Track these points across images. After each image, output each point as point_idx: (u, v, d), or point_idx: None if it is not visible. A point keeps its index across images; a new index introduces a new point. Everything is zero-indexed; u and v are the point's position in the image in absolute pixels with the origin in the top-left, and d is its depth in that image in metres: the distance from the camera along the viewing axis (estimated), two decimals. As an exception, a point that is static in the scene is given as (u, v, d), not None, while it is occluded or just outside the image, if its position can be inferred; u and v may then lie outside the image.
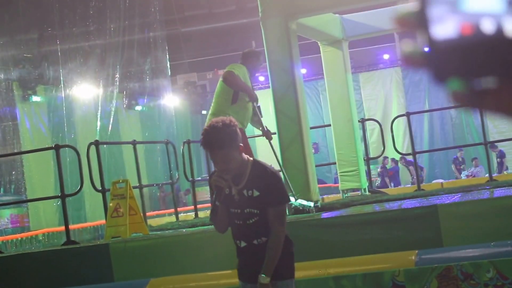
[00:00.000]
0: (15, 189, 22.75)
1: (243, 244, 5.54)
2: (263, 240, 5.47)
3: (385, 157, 25.19)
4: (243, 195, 5.46)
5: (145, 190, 13.57)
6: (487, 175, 14.66)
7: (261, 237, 5.48)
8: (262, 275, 5.37)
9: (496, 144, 23.13)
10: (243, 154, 5.51)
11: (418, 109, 25.96)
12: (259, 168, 5.55)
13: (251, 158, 5.60)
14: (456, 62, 1.09)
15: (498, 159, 24.69)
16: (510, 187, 11.35)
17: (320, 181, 12.61)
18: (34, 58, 24.26)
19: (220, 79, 10.42)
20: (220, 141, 5.25)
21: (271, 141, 10.95)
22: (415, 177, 15.54)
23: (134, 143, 13.81)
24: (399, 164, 26.54)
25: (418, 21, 1.11)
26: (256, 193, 5.44)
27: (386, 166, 25.99)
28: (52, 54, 24.45)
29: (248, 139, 11.19)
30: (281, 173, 10.73)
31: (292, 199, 11.34)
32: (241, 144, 5.47)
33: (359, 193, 13.05)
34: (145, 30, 27.46)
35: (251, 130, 12.74)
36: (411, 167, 23.79)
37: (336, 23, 13.56)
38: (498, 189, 11.32)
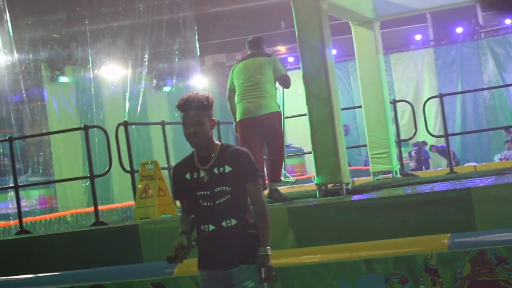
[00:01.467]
0: (43, 170, 22.84)
1: (211, 227, 5.53)
2: (232, 223, 5.50)
3: (423, 142, 25.15)
4: (213, 174, 5.55)
5: (173, 171, 13.55)
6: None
7: (230, 218, 5.51)
8: (264, 248, 5.45)
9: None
10: (213, 137, 5.66)
11: (451, 91, 25.75)
12: (228, 147, 5.68)
13: (218, 142, 5.70)
14: None
15: None
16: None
17: (349, 164, 12.57)
18: (62, 39, 24.30)
19: (268, 66, 10.81)
20: (198, 102, 5.53)
21: None
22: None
23: (163, 123, 13.85)
24: (430, 153, 26.44)
25: None
26: (228, 169, 5.53)
27: (426, 148, 25.95)
28: (80, 34, 24.49)
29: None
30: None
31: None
32: (214, 119, 5.63)
33: (390, 175, 13.03)
34: (174, 10, 27.43)
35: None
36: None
37: (368, 3, 13.50)
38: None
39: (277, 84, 10.91)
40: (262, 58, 10.94)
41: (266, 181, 10.72)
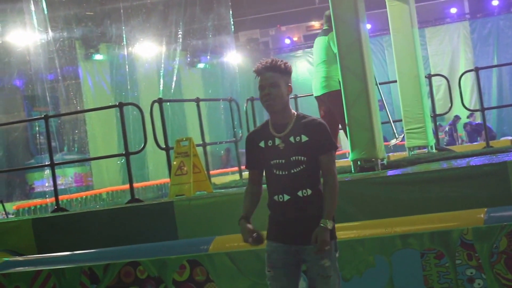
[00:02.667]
0: (79, 148, 23.00)
1: (286, 197, 5.50)
2: (308, 193, 5.51)
3: (456, 116, 25.00)
4: (289, 142, 5.51)
5: (208, 148, 13.60)
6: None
7: (306, 188, 5.50)
8: (325, 221, 5.44)
9: None
10: (289, 105, 5.66)
11: (486, 64, 25.60)
12: (305, 117, 5.63)
13: (295, 111, 5.69)
14: None
15: None
16: None
17: (384, 139, 12.58)
18: (96, 16, 24.38)
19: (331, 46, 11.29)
20: (277, 66, 5.56)
21: None
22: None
23: (197, 100, 13.85)
24: (464, 131, 26.22)
25: None
26: (304, 138, 5.50)
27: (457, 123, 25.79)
28: (114, 12, 24.54)
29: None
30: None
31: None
32: (291, 85, 5.63)
33: (425, 150, 12.97)
34: (207, -14, 27.46)
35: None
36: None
37: (403, -24, 13.41)
38: None
39: None
40: (324, 37, 11.59)
41: None
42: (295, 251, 5.54)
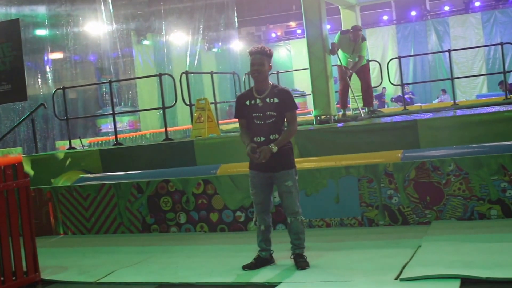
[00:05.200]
0: (131, 103, 22.95)
1: (262, 139, 5.64)
2: (276, 136, 5.63)
3: (384, 88, 24.88)
4: (266, 102, 5.68)
5: (218, 105, 13.56)
6: (451, 101, 14.44)
7: (275, 133, 5.64)
8: (273, 145, 5.58)
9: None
10: (268, 78, 5.81)
11: (406, 54, 25.41)
12: (278, 86, 5.82)
13: (271, 82, 5.85)
14: None
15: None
16: (468, 109, 11.19)
17: (337, 103, 12.56)
18: (145, 14, 24.24)
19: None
20: (264, 50, 5.74)
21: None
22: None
23: (211, 73, 13.79)
24: (390, 102, 25.90)
25: None
26: (276, 100, 5.68)
27: (385, 94, 25.60)
28: (157, 12, 24.45)
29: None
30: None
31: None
32: (271, 65, 5.79)
33: (364, 111, 12.94)
34: (220, -4, 27.31)
35: (289, 66, 12.62)
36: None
37: (352, -7, 13.29)
38: (460, 110, 11.18)
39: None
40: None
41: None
42: (268, 176, 5.75)
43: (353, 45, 11.62)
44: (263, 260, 5.88)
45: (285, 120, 5.75)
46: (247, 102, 5.77)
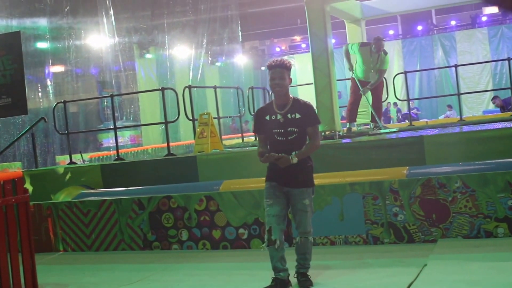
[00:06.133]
0: (133, 117, 22.99)
1: (282, 155, 5.41)
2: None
3: (388, 103, 24.88)
4: (287, 117, 5.47)
5: (221, 120, 13.56)
6: (458, 116, 14.44)
7: (296, 149, 5.44)
8: (293, 155, 5.39)
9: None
10: (289, 91, 5.62)
11: (412, 69, 25.44)
12: (299, 100, 5.61)
13: (292, 96, 5.63)
14: None
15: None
16: (475, 125, 11.19)
17: (342, 118, 12.57)
18: (148, 28, 24.33)
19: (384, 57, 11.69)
20: (284, 64, 5.56)
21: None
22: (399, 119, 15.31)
23: (215, 87, 13.82)
24: (396, 116, 25.98)
25: None
26: (298, 116, 5.47)
27: (390, 109, 25.61)
28: (160, 25, 24.53)
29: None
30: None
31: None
32: (291, 78, 5.62)
33: (368, 126, 12.94)
34: (224, 10, 27.33)
35: (294, 80, 12.68)
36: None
37: (357, 7, 13.35)
38: (466, 126, 11.17)
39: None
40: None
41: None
42: (286, 191, 5.51)
43: (376, 57, 11.62)
44: (282, 282, 5.49)
45: (308, 135, 5.56)
46: (267, 117, 5.56)
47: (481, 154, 8.15)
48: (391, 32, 29.10)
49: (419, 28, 28.41)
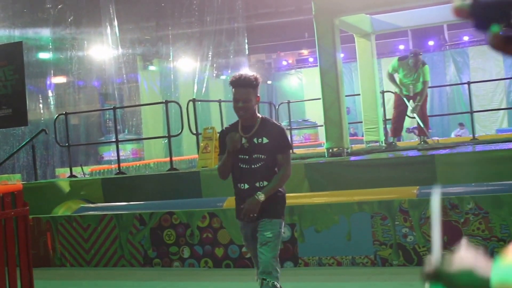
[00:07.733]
0: (135, 131, 23.03)
1: (246, 186, 4.81)
2: (263, 184, 4.77)
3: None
4: (252, 142, 4.81)
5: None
6: (470, 135, 14.42)
7: (263, 180, 4.78)
8: (260, 193, 4.72)
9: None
10: (256, 111, 4.95)
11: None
12: (268, 121, 4.93)
13: (260, 115, 4.96)
14: (495, 12, 1.04)
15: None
16: (488, 144, 11.17)
17: (351, 135, 12.60)
18: (152, 39, 24.45)
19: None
20: (248, 81, 4.80)
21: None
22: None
23: (219, 101, 13.86)
24: (405, 134, 25.87)
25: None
26: (265, 140, 4.78)
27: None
28: (164, 37, 24.63)
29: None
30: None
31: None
32: (259, 96, 4.92)
33: (377, 144, 12.94)
34: (231, 22, 27.41)
35: (301, 95, 12.67)
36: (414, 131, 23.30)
37: (367, 21, 13.36)
38: (479, 145, 11.16)
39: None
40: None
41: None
42: (254, 226, 4.86)
43: (414, 70, 11.71)
44: None
45: (277, 163, 4.84)
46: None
47: (495, 174, 8.11)
48: (401, 47, 29.16)
49: (431, 43, 28.44)
